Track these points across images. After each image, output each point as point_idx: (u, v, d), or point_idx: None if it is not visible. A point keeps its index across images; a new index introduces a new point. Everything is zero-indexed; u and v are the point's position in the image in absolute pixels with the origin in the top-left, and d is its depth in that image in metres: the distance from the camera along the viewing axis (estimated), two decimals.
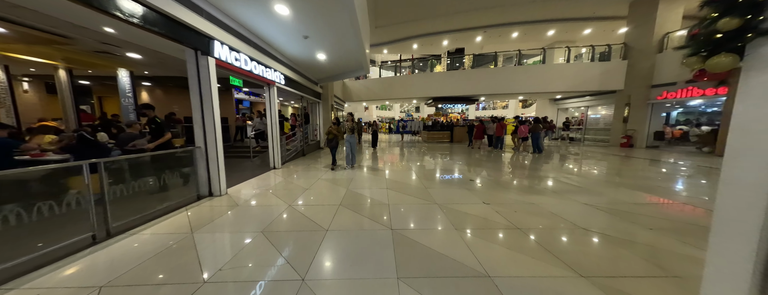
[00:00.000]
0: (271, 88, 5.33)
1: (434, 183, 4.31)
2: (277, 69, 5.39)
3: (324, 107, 9.86)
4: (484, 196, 3.53)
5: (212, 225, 2.58)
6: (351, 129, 5.43)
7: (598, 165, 6.17)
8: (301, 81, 7.12)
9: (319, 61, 6.23)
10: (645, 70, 9.92)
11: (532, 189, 3.87)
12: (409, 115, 32.71)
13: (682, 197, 3.47)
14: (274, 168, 5.54)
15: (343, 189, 3.92)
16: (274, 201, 3.32)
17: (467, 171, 5.38)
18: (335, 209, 3.03)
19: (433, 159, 7.25)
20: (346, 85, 14.93)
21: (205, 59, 3.24)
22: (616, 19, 11.81)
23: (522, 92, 12.11)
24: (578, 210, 2.96)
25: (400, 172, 5.30)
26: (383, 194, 3.66)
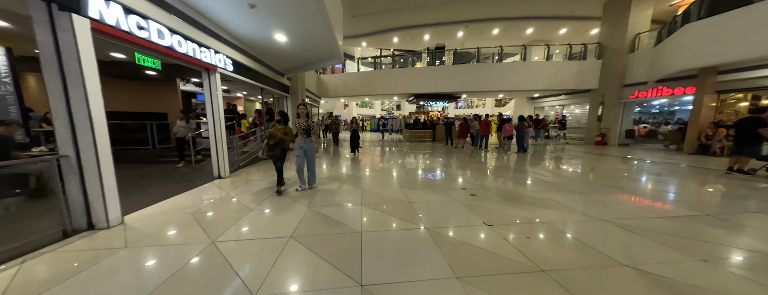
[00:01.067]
0: (211, 76, 4.14)
1: (420, 195, 3.52)
2: (219, 50, 4.20)
3: (293, 102, 8.65)
4: (483, 212, 2.81)
5: (49, 293, 1.50)
6: (305, 129, 3.49)
7: (590, 166, 5.87)
8: (259, 70, 5.92)
9: (280, 44, 5.11)
10: (618, 69, 10.14)
11: (536, 201, 3.25)
12: (390, 113, 32.06)
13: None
14: (219, 178, 4.37)
15: (302, 207, 2.97)
16: (192, 235, 2.27)
17: (457, 177, 4.69)
18: (282, 244, 2.09)
19: (416, 161, 6.51)
20: (322, 79, 13.69)
21: (66, 18, 2.07)
22: (590, 19, 12.06)
23: (502, 90, 11.94)
24: (606, 233, 2.34)
25: (378, 180, 4.44)
26: (355, 213, 2.78)
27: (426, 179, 4.44)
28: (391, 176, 4.68)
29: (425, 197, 3.41)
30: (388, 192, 3.63)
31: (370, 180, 4.34)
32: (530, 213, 2.79)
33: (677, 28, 7.70)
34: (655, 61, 8.84)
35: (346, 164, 5.89)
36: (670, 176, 4.66)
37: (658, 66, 8.62)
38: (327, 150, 8.86)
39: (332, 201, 3.21)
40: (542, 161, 6.53)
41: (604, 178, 4.56)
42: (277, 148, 3.42)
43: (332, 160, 6.64)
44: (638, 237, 2.21)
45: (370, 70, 13.29)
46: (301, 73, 8.71)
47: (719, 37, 6.30)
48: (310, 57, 6.26)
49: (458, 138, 9.66)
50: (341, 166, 5.72)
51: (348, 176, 4.64)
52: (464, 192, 3.60)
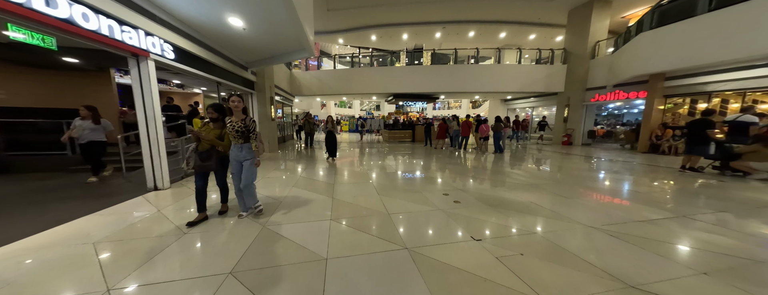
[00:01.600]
0: (141, 63, 3.33)
1: (400, 204, 3.14)
2: (152, 32, 3.40)
3: (259, 100, 7.78)
4: (469, 223, 2.51)
5: None
6: (240, 132, 2.41)
7: (564, 167, 6.00)
8: (214, 60, 5.10)
9: (236, 31, 4.40)
10: (581, 74, 10.86)
11: (521, 207, 3.04)
12: (370, 113, 31.59)
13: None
14: (155, 189, 3.55)
15: (254, 228, 2.40)
16: (78, 280, 1.61)
17: (438, 181, 4.40)
18: (214, 286, 1.54)
19: (395, 164, 6.16)
20: (294, 75, 12.79)
21: None
22: (556, 26, 12.83)
23: (478, 91, 12.17)
24: (599, 243, 2.14)
25: (353, 187, 3.98)
26: (322, 233, 2.30)
27: (406, 185, 4.08)
28: (368, 181, 4.25)
29: (406, 206, 3.03)
30: (365, 201, 3.19)
31: (345, 187, 3.86)
32: (518, 222, 2.55)
33: (631, 37, 8.39)
34: (613, 68, 9.59)
35: (319, 169, 5.33)
36: (635, 175, 4.88)
37: (615, 72, 9.34)
38: (302, 153, 8.14)
39: (295, 216, 2.68)
40: (519, 162, 6.58)
41: (579, 178, 4.61)
42: (211, 157, 2.38)
43: (305, 164, 6.01)
44: (632, 247, 2.06)
45: (348, 68, 12.72)
46: (268, 67, 7.87)
47: (667, 46, 6.90)
48: (275, 48, 5.57)
49: (437, 139, 9.56)
50: (312, 171, 5.14)
51: (319, 183, 4.11)
52: (447, 199, 3.30)
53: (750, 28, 5.40)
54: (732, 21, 5.64)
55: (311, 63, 14.73)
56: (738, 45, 5.62)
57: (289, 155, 7.67)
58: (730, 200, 3.25)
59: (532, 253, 1.95)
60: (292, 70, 13.14)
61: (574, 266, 1.78)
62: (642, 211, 2.89)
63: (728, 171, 4.78)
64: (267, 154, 7.50)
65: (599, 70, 10.28)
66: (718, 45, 5.88)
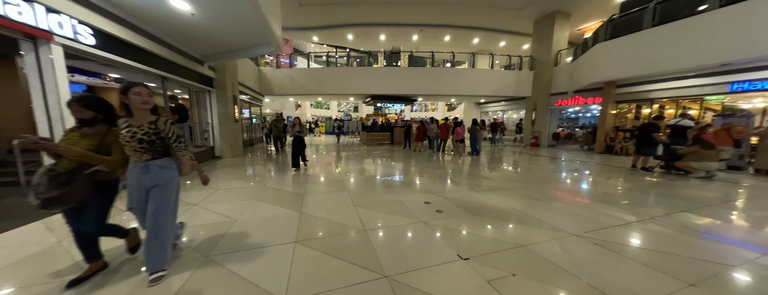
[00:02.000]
0: (41, 48, 2.57)
1: (379, 217, 2.82)
2: (59, 9, 2.65)
3: (220, 98, 6.91)
4: (454, 238, 2.28)
5: None
6: (147, 141, 1.55)
7: (536, 168, 6.19)
8: (155, 50, 4.30)
9: (184, 16, 3.72)
10: (546, 80, 11.66)
11: (503, 214, 2.92)
12: (348, 114, 30.88)
13: None
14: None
15: (191, 259, 1.89)
16: None
17: (419, 188, 4.17)
18: None
19: (374, 169, 5.85)
20: (264, 73, 11.82)
21: None
22: (523, 35, 13.67)
23: (455, 94, 12.44)
24: (590, 256, 2.05)
25: (326, 198, 3.57)
26: (283, 260, 1.90)
27: (385, 192, 3.77)
28: (344, 190, 3.86)
29: (385, 219, 2.72)
30: (339, 215, 2.81)
31: (317, 199, 3.43)
32: (504, 233, 2.39)
33: (589, 48, 9.17)
34: (573, 75, 10.42)
35: (288, 177, 4.78)
36: (599, 176, 5.19)
37: (574, 79, 10.15)
38: (272, 158, 7.40)
39: (251, 240, 2.21)
40: (494, 164, 6.69)
41: (550, 180, 4.74)
42: (74, 182, 1.44)
43: (273, 171, 5.39)
44: (619, 258, 1.99)
45: (323, 67, 12.12)
46: (230, 62, 7.05)
47: (617, 56, 7.61)
48: (235, 41, 4.90)
49: (416, 141, 9.46)
50: (281, 179, 4.59)
51: (287, 195, 3.61)
52: (429, 208, 3.06)
53: (680, 45, 6.13)
54: (668, 37, 6.37)
55: (283, 61, 13.82)
56: (671, 58, 6.36)
57: (256, 161, 6.91)
58: (686, 199, 3.50)
59: (523, 272, 1.76)
60: (261, 67, 12.16)
61: (570, 287, 1.61)
62: (615, 213, 2.94)
63: (674, 170, 5.30)
64: (229, 160, 6.67)
65: (561, 76, 11.12)
66: (658, 57, 6.60)
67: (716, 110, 7.67)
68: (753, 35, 5.06)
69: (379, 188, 4.06)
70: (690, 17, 5.95)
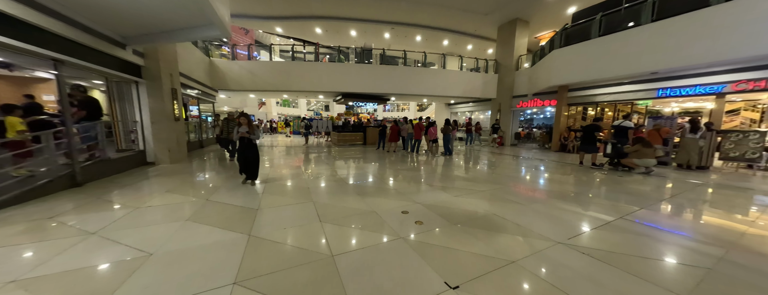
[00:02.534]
0: None
1: (350, 235, 2.40)
2: None
3: (152, 92, 5.67)
4: (439, 259, 1.97)
5: None
6: None
7: (507, 168, 6.34)
8: (45, 24, 3.20)
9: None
10: (509, 83, 12.41)
11: (486, 222, 2.73)
12: (318, 113, 29.44)
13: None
14: None
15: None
16: None
17: (394, 194, 3.82)
18: None
19: (346, 173, 5.35)
20: (216, 65, 10.36)
21: None
22: (488, 39, 14.41)
23: (427, 94, 12.50)
24: (584, 269, 1.90)
25: (286, 213, 3.01)
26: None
27: (357, 201, 3.34)
28: (308, 201, 3.31)
29: (358, 237, 2.29)
30: (300, 237, 2.29)
31: (273, 215, 2.83)
32: (490, 247, 2.16)
33: (546, 54, 9.94)
34: (531, 79, 11.24)
35: (239, 189, 4.02)
36: (560, 174, 5.49)
37: (533, 82, 10.96)
38: (224, 163, 6.35)
39: (161, 289, 1.58)
40: (468, 165, 6.73)
41: (522, 181, 4.84)
42: None
43: (222, 179, 4.52)
44: (611, 270, 1.87)
45: (288, 62, 11.09)
46: (166, 48, 5.86)
47: (570, 62, 8.33)
48: (165, 19, 3.94)
49: (389, 141, 9.18)
50: (230, 190, 3.82)
51: (234, 211, 2.94)
52: (407, 219, 2.72)
53: (621, 54, 6.90)
54: (611, 46, 7.13)
55: (240, 52, 12.34)
56: (613, 66, 7.15)
57: (203, 167, 5.85)
58: (640, 195, 3.78)
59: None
60: (214, 58, 10.65)
61: None
62: (589, 213, 2.98)
63: (620, 167, 5.88)
64: (166, 167, 5.51)
65: (522, 80, 11.94)
66: (603, 64, 7.36)
67: (641, 113, 8.96)
68: (676, 48, 5.87)
69: (351, 196, 3.60)
70: (628, 30, 6.71)
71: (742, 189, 4.22)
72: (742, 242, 2.29)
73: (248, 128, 3.91)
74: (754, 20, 4.73)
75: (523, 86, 11.86)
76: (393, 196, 3.62)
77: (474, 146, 11.84)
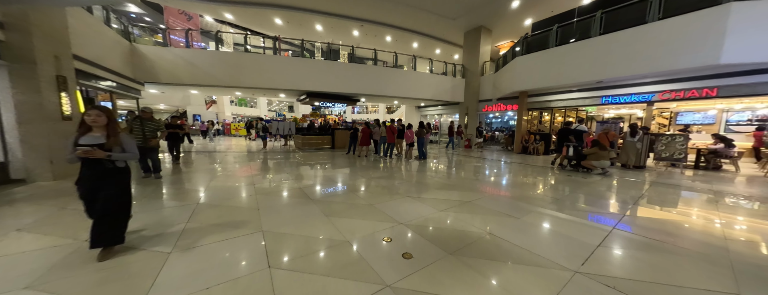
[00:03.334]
0: None
1: (311, 289, 1.62)
2: None
3: (20, 81, 3.97)
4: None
5: None
6: None
7: (484, 173, 6.21)
8: None
9: None
10: (475, 87, 12.87)
11: (484, 247, 2.31)
12: (281, 114, 26.98)
13: None
14: None
15: None
16: None
17: (372, 213, 3.16)
18: None
19: (310, 184, 4.48)
20: (141, 52, 8.34)
21: None
22: (455, 45, 14.86)
23: (398, 96, 12.18)
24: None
25: (217, 251, 2.12)
26: None
27: (325, 225, 2.58)
28: (255, 232, 2.43)
29: (326, 291, 1.55)
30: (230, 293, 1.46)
31: (195, 262, 1.92)
32: (502, 287, 1.65)
33: (509, 61, 10.48)
34: (495, 84, 11.81)
35: (155, 207, 2.87)
36: (534, 178, 5.52)
37: (497, 88, 11.50)
38: (147, 176, 4.84)
39: None
40: (444, 169, 6.44)
41: (503, 186, 4.65)
42: None
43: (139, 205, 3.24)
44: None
45: (241, 53, 9.54)
46: (42, 16, 4.21)
47: (530, 69, 8.84)
48: None
49: (361, 145, 8.47)
50: (141, 213, 2.67)
51: (127, 265, 1.91)
52: (392, 250, 2.10)
53: (572, 63, 7.50)
54: (564, 56, 7.72)
55: (178, 39, 10.28)
56: (567, 74, 7.77)
57: None
58: (608, 197, 3.82)
59: None
60: (138, 43, 8.58)
61: None
62: (585, 223, 2.76)
63: (581, 168, 6.23)
64: (43, 186, 3.87)
65: (487, 85, 12.48)
66: (560, 72, 7.93)
67: (582, 118, 10.09)
68: (619, 59, 6.54)
69: (316, 217, 2.81)
70: (580, 41, 7.31)
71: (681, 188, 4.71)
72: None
73: (106, 137, 1.88)
74: (683, 38, 5.45)
75: (488, 91, 12.41)
76: (370, 214, 2.95)
77: (447, 150, 11.77)
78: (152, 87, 10.34)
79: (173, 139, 6.16)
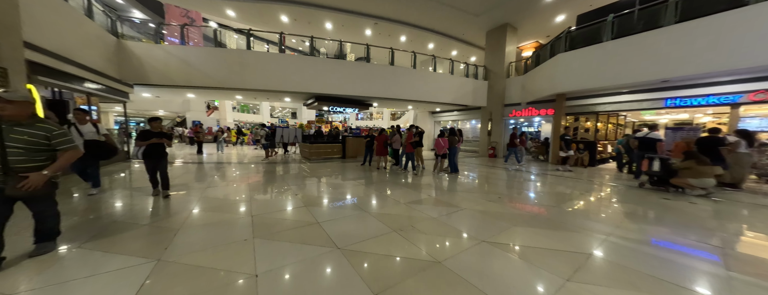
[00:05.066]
0: None
1: None
2: None
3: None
4: None
5: None
6: None
7: (544, 189, 4.84)
8: None
9: None
10: (500, 90, 11.63)
11: None
12: (284, 121, 25.97)
13: None
14: None
15: None
16: None
17: (433, 268, 1.92)
18: None
19: (325, 212, 3.17)
20: (129, 49, 7.29)
21: None
22: (475, 46, 13.77)
23: (415, 100, 10.95)
24: None
25: None
26: None
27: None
28: None
29: None
30: None
31: None
32: None
33: (542, 60, 9.26)
34: (526, 86, 10.56)
35: (112, 240, 1.58)
36: (626, 203, 4.12)
37: (529, 90, 10.24)
38: (94, 207, 3.58)
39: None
40: (492, 188, 5.08)
41: (599, 221, 3.30)
42: None
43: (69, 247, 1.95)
44: None
45: (242, 50, 8.48)
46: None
47: (580, 68, 7.57)
48: None
49: (377, 155, 7.19)
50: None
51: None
52: None
53: (635, 59, 6.23)
54: (622, 51, 6.46)
55: (172, 41, 9.28)
56: (617, 73, 6.50)
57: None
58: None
59: None
60: (126, 40, 7.56)
61: None
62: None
63: (671, 187, 4.83)
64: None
65: (514, 88, 11.23)
66: (614, 70, 6.66)
67: (652, 124, 8.59)
68: (696, 53, 5.27)
69: (342, 282, 1.49)
70: (644, 33, 6.08)
71: None
72: None
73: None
74: None
75: (515, 94, 11.16)
76: (443, 284, 1.61)
77: (510, 165, 8.54)
78: (143, 90, 9.28)
79: (153, 155, 3.71)
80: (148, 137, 3.68)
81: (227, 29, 10.63)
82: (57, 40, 5.05)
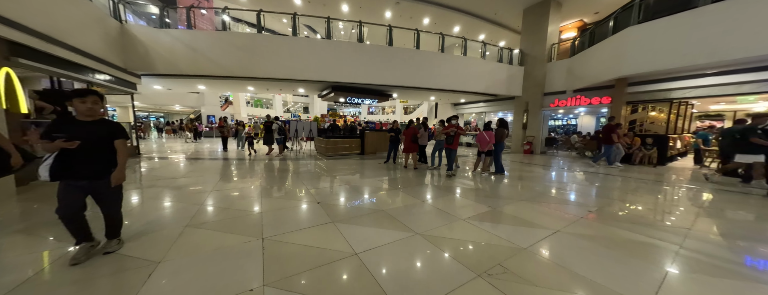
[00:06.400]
0: None
1: None
2: None
3: None
4: None
5: None
6: None
7: (644, 194, 3.68)
8: None
9: None
10: (539, 77, 10.15)
11: None
12: (296, 115, 25.44)
13: None
14: None
15: None
16: None
17: None
18: None
19: (355, 233, 2.24)
20: (132, 34, 6.60)
21: None
22: (507, 28, 12.21)
23: (443, 88, 9.73)
24: None
25: None
26: None
27: None
28: None
29: None
30: None
31: None
32: None
33: (599, 37, 7.75)
34: (573, 71, 9.05)
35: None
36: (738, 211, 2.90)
37: (579, 75, 8.75)
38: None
39: None
40: (560, 194, 3.96)
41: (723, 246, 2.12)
42: None
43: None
44: None
45: (253, 34, 7.59)
46: None
47: (655, 43, 6.09)
48: None
49: (405, 152, 6.19)
50: None
51: None
52: None
53: (734, 27, 4.73)
54: (722, 18, 4.95)
55: (179, 27, 8.55)
56: (709, 49, 5.02)
57: (32, 215, 2.28)
58: None
59: None
60: (128, 24, 6.87)
61: None
62: None
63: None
64: None
65: (557, 74, 9.72)
66: (710, 44, 5.17)
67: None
68: None
69: None
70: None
71: None
72: None
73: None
74: None
75: (559, 81, 9.66)
76: None
77: (600, 164, 6.90)
78: (152, 81, 8.71)
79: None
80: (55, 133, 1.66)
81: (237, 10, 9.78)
82: (45, 20, 4.35)
